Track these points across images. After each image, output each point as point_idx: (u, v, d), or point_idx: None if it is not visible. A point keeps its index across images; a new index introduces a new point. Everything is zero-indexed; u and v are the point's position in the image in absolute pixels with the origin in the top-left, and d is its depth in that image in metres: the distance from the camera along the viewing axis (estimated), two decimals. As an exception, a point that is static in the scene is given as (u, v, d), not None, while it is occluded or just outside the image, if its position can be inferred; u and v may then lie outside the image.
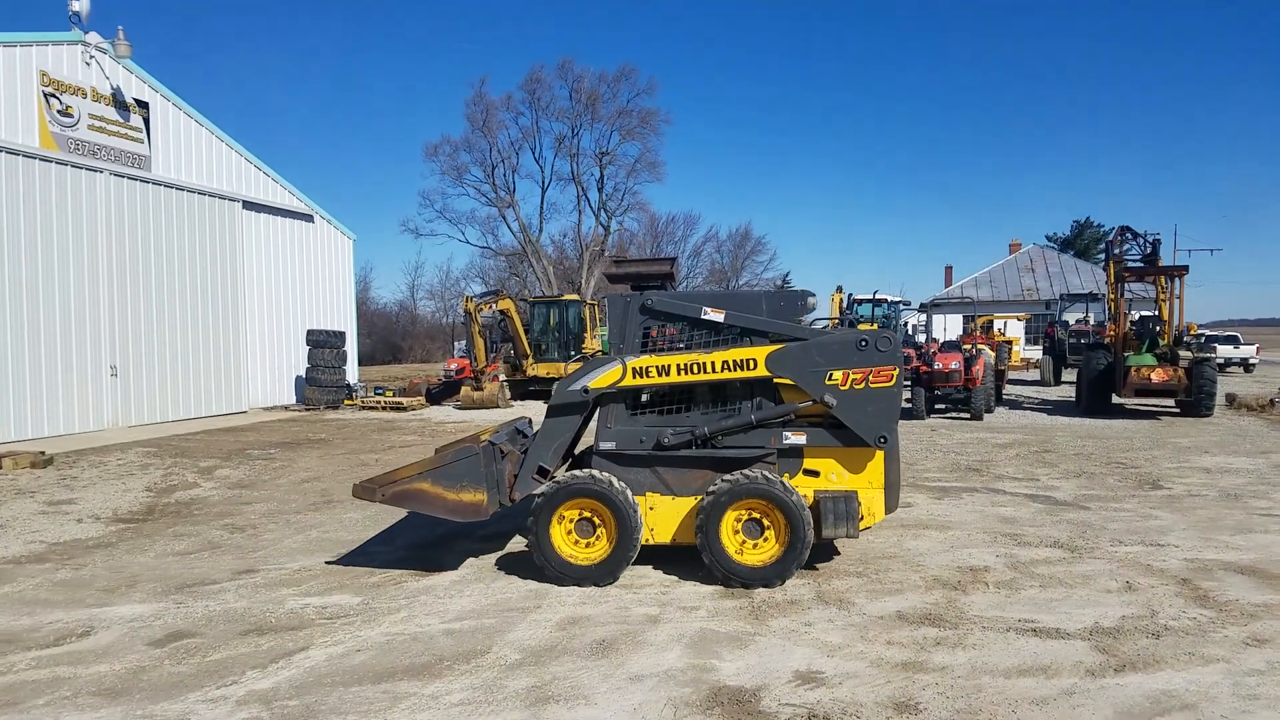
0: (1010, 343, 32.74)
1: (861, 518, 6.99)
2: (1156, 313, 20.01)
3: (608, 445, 7.20)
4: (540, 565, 6.97)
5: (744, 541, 6.87)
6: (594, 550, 6.98)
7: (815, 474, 7.16)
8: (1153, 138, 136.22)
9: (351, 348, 26.39)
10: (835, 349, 6.93)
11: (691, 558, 7.00)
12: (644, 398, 7.35)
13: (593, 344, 29.05)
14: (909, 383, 24.36)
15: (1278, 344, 75.26)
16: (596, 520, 7.01)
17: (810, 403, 6.97)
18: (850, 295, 29.45)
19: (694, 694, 4.90)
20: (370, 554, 8.19)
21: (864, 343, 6.91)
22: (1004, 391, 24.17)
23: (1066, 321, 33.33)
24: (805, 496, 6.90)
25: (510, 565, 7.56)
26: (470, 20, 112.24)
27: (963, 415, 19.58)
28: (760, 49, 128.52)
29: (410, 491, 7.01)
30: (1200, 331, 24.11)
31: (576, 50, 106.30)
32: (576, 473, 7.08)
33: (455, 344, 47.60)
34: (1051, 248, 59.29)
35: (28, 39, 17.62)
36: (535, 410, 22.36)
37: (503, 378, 24.81)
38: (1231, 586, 6.76)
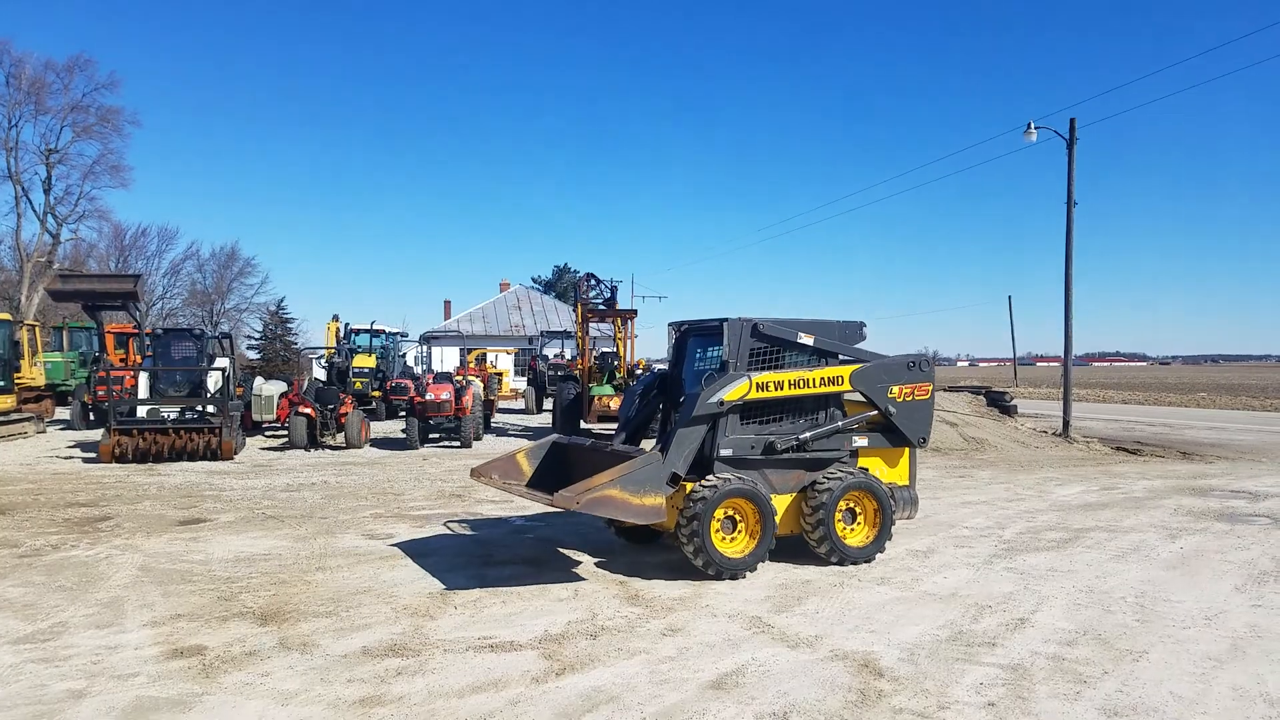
0: (501, 374, 35.05)
1: None
2: (615, 349, 23.04)
3: (727, 451, 8.26)
4: (702, 565, 7.86)
5: (844, 527, 8.55)
6: (737, 544, 8.09)
7: (865, 470, 8.86)
8: (615, 197, 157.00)
9: None
10: (894, 368, 8.82)
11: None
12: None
13: (32, 372, 24.44)
14: (404, 413, 24.81)
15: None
16: (738, 519, 8.09)
17: (874, 412, 8.78)
18: (347, 325, 28.96)
19: (122, 773, 4.39)
20: None
21: (913, 364, 8.90)
22: (493, 420, 25.77)
23: (547, 355, 36.65)
24: None
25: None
26: None
27: (454, 444, 20.41)
28: (253, 57, 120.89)
29: (603, 498, 7.44)
30: (651, 365, 28.22)
31: (16, 32, 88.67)
32: (726, 476, 8.02)
33: None
34: (536, 288, 64.99)
35: None
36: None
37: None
38: (657, 584, 8.00)
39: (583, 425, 22.13)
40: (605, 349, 25.37)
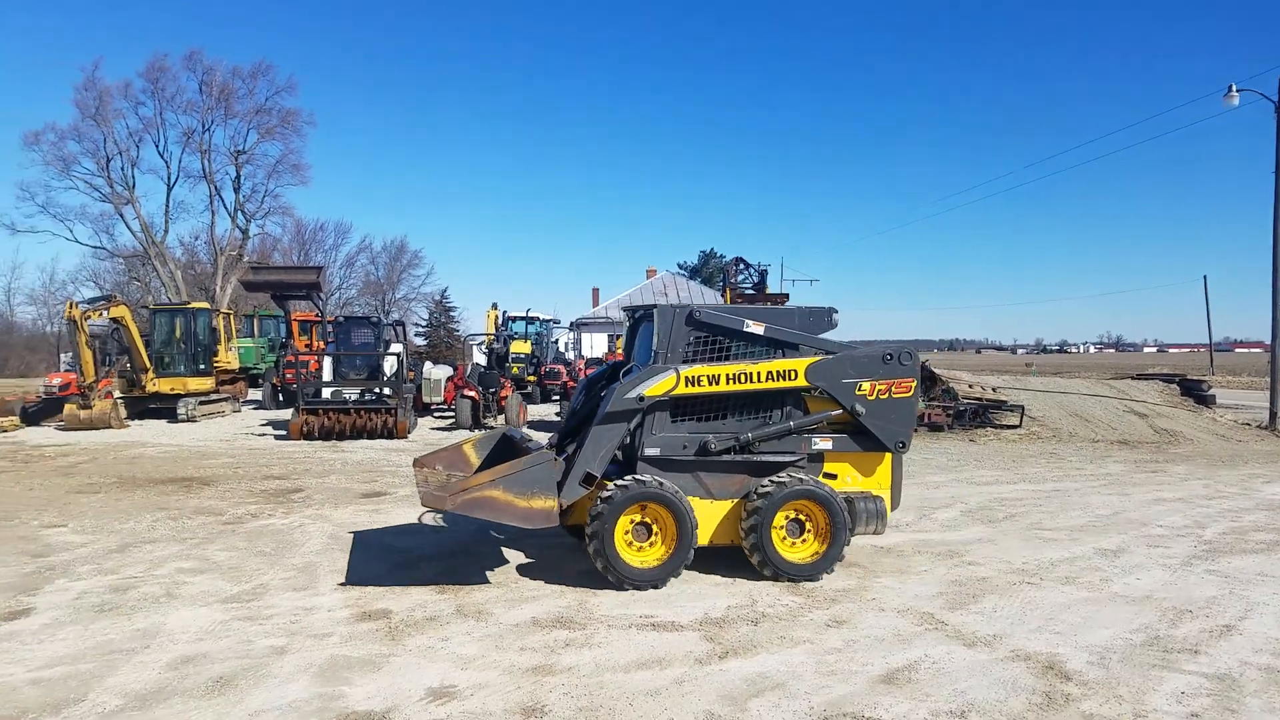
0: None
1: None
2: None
3: (653, 451, 7.42)
4: (603, 571, 7.08)
5: (785, 539, 7.41)
6: (651, 554, 7.23)
7: (833, 476, 7.69)
8: (767, 179, 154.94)
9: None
10: (864, 362, 7.49)
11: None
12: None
13: (227, 357, 26.67)
14: (557, 397, 25.47)
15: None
16: (654, 525, 7.24)
17: (839, 411, 7.50)
18: (505, 312, 30.02)
19: (319, 723, 4.72)
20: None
21: (889, 356, 7.52)
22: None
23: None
24: None
25: (113, 604, 6.72)
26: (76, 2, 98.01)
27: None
28: (418, 59, 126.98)
29: (481, 499, 6.86)
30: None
31: (207, 42, 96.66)
32: (638, 478, 7.22)
33: (61, 356, 41.08)
34: (682, 274, 65.21)
35: None
36: (155, 430, 20.09)
37: (117, 394, 21.85)
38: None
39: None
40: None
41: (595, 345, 42.50)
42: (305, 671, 5.43)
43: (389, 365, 20.02)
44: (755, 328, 7.56)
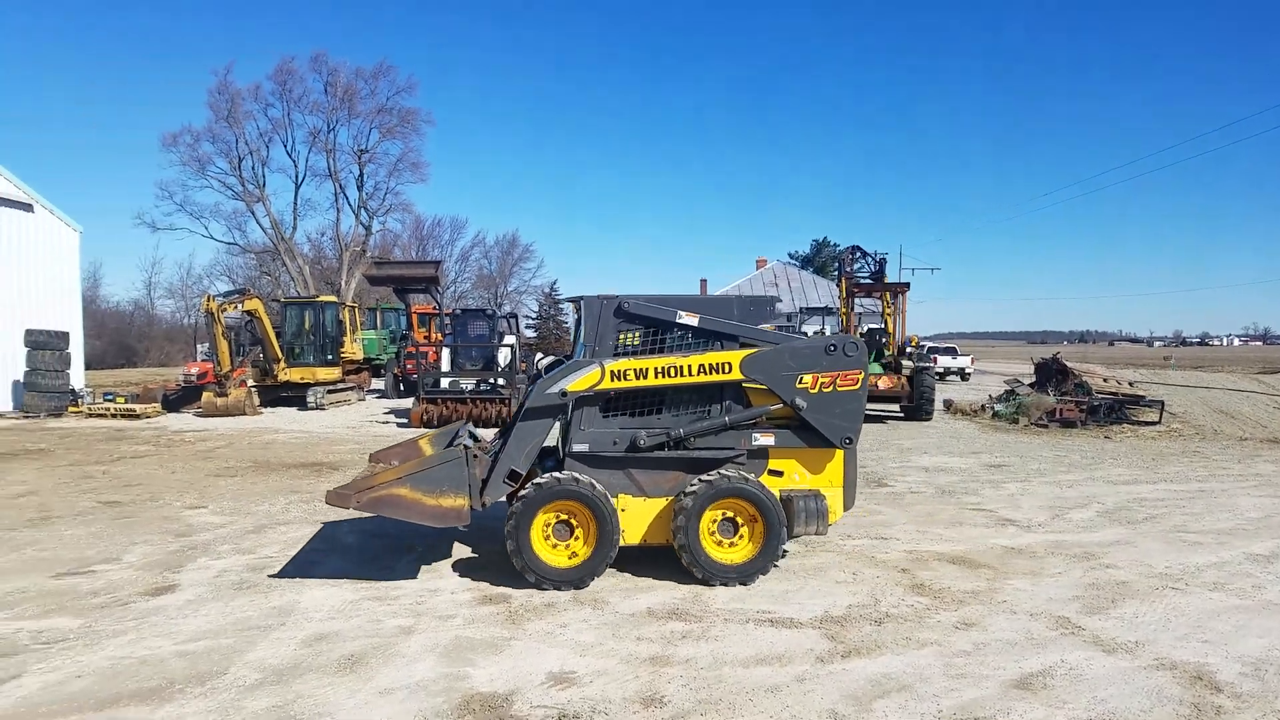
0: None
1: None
2: (883, 325, 22.15)
3: (581, 447, 7.17)
4: (521, 570, 6.87)
5: (718, 540, 7.07)
6: (569, 553, 6.99)
7: (779, 474, 7.35)
8: (884, 165, 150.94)
9: (77, 349, 23.58)
10: (806, 353, 7.13)
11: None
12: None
13: (352, 348, 27.78)
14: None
15: (990, 355, 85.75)
16: (575, 523, 7.01)
17: (780, 405, 7.14)
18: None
19: (445, 703, 4.83)
20: (95, 572, 7.37)
21: (833, 347, 7.15)
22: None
23: (806, 333, 35.95)
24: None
25: (251, 582, 7.08)
26: (215, 4, 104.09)
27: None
28: (525, 58, 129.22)
29: (388, 497, 6.63)
30: (922, 343, 26.88)
31: (335, 45, 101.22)
32: (558, 474, 6.98)
33: (198, 347, 43.79)
34: (793, 264, 64.01)
35: None
36: (286, 417, 21.13)
37: (251, 383, 23.11)
38: (944, 575, 7.54)
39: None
40: (872, 325, 24.38)
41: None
42: (431, 651, 5.58)
43: (503, 356, 20.47)
44: (688, 319, 7.19)
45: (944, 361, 38.85)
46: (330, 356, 24.91)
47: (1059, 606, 6.63)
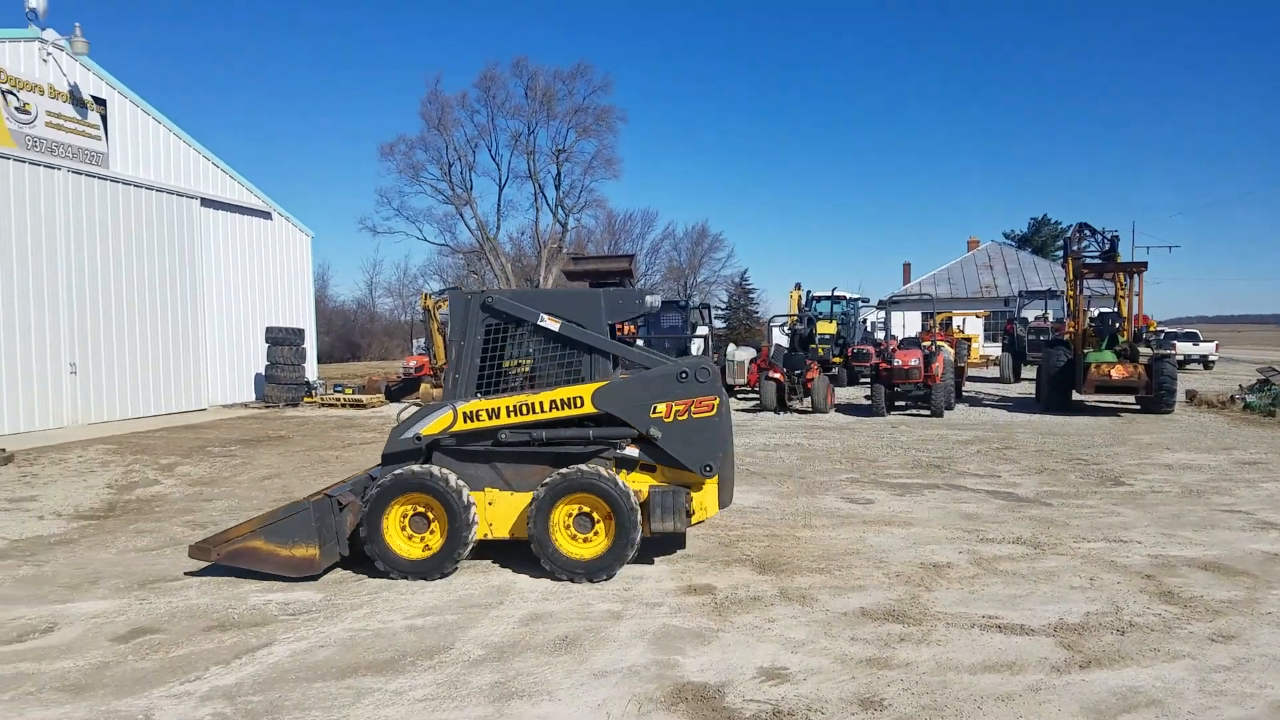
0: (969, 340, 33.01)
1: (692, 512, 7.07)
2: (1115, 309, 20.27)
3: (448, 441, 7.20)
4: (373, 558, 6.96)
5: (574, 535, 6.97)
6: (423, 544, 7.03)
7: (652, 469, 7.24)
8: (1110, 136, 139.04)
9: (311, 345, 25.94)
10: (658, 382, 7.02)
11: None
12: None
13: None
14: (868, 379, 24.59)
15: (1237, 341, 77.16)
16: (430, 515, 7.02)
17: (638, 433, 7.03)
18: (809, 292, 29.50)
19: (658, 690, 4.81)
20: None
21: (684, 374, 7.01)
22: (963, 388, 24.40)
23: (1025, 318, 33.67)
24: (640, 491, 7.00)
25: (471, 563, 7.42)
26: (425, 19, 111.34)
27: (923, 412, 19.70)
28: (716, 49, 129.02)
29: (244, 550, 6.90)
30: (1159, 328, 24.43)
31: (531, 47, 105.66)
32: (414, 467, 7.03)
33: (414, 341, 47.06)
34: (1009, 245, 60.03)
35: (-16, 36, 17.14)
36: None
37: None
38: (1196, 583, 6.79)
39: (1075, 397, 19.92)
40: (1102, 309, 22.38)
41: (908, 324, 40.73)
42: (640, 638, 5.60)
43: (695, 347, 20.51)
44: (550, 323, 7.05)
45: (1184, 348, 35.35)
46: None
47: (1347, 625, 5.75)
